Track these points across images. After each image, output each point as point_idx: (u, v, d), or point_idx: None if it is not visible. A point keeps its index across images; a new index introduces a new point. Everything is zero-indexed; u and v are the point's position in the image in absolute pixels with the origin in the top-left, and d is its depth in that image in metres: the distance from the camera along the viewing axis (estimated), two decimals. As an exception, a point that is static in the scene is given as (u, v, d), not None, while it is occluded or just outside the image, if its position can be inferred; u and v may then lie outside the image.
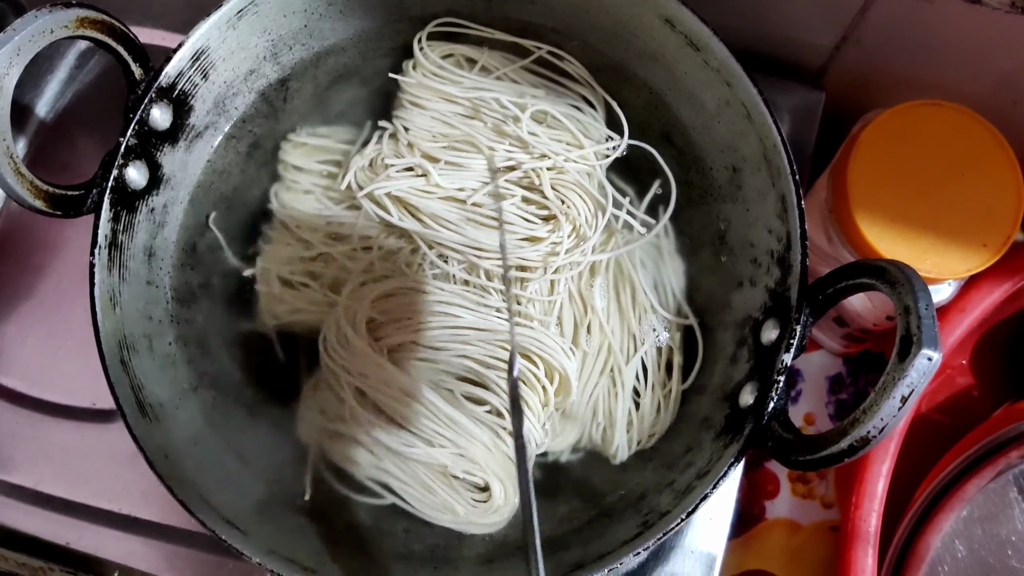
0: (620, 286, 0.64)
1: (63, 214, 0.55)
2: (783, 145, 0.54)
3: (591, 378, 0.62)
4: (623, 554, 0.51)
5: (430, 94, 0.64)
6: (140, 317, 0.59)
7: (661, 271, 0.64)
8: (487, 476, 0.60)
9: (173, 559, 0.68)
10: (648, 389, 0.62)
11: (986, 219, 0.58)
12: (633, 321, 0.62)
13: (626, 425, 0.61)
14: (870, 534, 0.66)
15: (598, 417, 0.62)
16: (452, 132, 0.64)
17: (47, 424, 0.73)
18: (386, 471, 0.60)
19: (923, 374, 0.43)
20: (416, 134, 0.64)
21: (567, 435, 0.63)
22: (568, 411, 0.62)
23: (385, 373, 0.60)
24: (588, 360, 0.62)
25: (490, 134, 0.64)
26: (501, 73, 0.66)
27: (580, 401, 0.62)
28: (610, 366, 0.62)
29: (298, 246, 0.65)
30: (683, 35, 0.59)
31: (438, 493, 0.59)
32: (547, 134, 0.64)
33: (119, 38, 0.56)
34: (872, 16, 0.65)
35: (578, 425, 0.62)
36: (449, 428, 0.60)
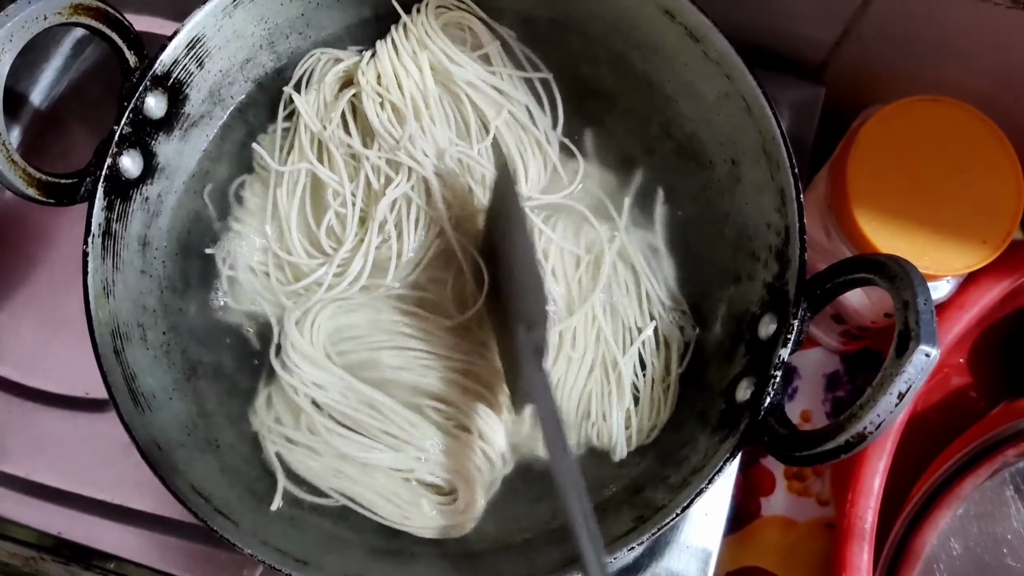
0: (615, 278, 0.63)
1: (56, 202, 0.54)
2: (782, 138, 0.54)
3: (577, 379, 0.61)
4: (617, 549, 0.51)
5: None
6: (133, 306, 0.59)
7: (655, 264, 0.64)
8: (452, 479, 0.59)
9: (165, 550, 0.68)
10: (647, 384, 0.61)
11: (985, 216, 0.58)
12: (630, 314, 0.62)
13: (624, 421, 0.60)
14: (866, 531, 0.66)
15: (592, 416, 0.61)
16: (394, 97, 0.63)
17: (40, 413, 0.73)
18: (347, 477, 0.59)
19: (921, 370, 0.43)
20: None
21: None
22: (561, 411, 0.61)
23: (342, 383, 0.60)
24: (573, 364, 0.61)
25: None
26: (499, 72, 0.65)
27: (567, 404, 0.61)
28: (601, 361, 0.61)
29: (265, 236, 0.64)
30: (683, 26, 0.58)
31: (400, 498, 0.59)
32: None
33: (113, 25, 0.55)
34: (874, 11, 0.65)
35: (571, 429, 0.61)
36: (409, 432, 0.59)
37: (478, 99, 0.63)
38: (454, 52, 0.63)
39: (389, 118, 0.62)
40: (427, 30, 0.63)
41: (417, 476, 0.59)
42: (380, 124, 0.62)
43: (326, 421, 0.59)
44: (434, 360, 0.61)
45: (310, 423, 0.59)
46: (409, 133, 0.61)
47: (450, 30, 0.64)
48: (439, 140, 0.62)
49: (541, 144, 0.64)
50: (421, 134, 0.62)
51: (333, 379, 0.60)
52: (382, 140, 0.62)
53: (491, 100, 0.64)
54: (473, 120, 0.63)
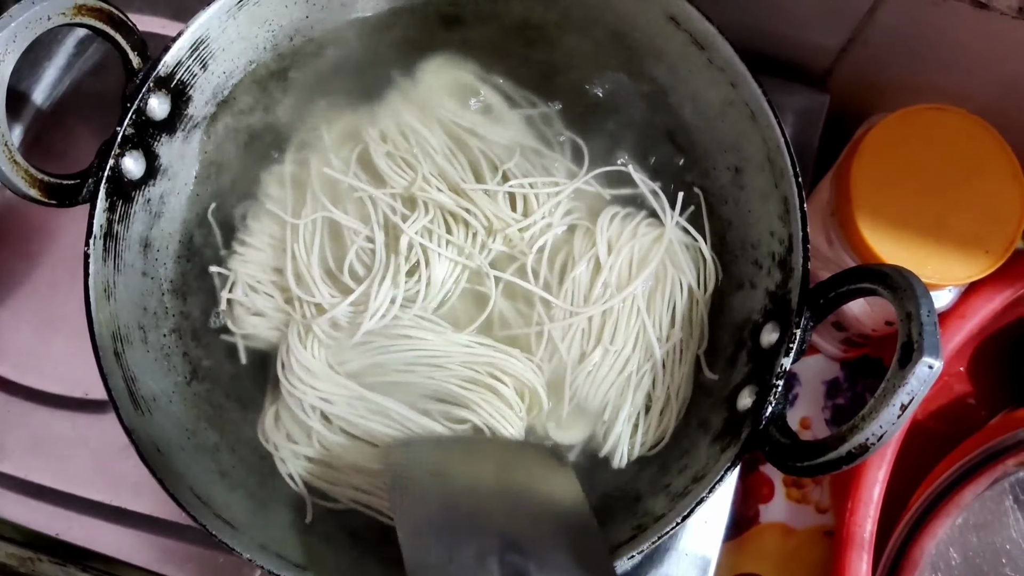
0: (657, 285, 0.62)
1: (58, 203, 0.54)
2: (787, 147, 0.54)
3: (608, 374, 0.60)
4: (617, 557, 0.51)
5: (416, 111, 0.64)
6: (134, 308, 0.58)
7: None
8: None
9: (163, 552, 0.67)
10: (661, 393, 0.61)
11: (989, 225, 0.58)
12: (665, 322, 0.61)
13: (631, 429, 0.60)
14: (865, 540, 0.66)
15: (605, 415, 0.61)
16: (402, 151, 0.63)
17: (39, 413, 0.73)
18: (363, 491, 0.59)
19: (923, 382, 0.43)
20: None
21: (576, 430, 0.61)
22: (582, 404, 0.61)
23: (349, 393, 0.59)
24: (608, 356, 0.60)
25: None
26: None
27: (594, 396, 0.60)
28: (631, 365, 0.60)
29: (270, 252, 0.64)
30: (688, 33, 0.58)
31: None
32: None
33: (117, 26, 0.55)
34: (879, 19, 0.65)
35: (588, 421, 0.61)
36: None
37: (484, 143, 0.64)
38: (456, 110, 0.64)
39: (399, 165, 0.62)
40: (426, 95, 0.64)
41: None
42: (391, 170, 0.62)
43: (337, 437, 0.59)
44: (443, 359, 0.60)
45: (321, 438, 0.59)
46: (423, 173, 0.61)
47: (450, 88, 0.65)
48: (451, 178, 0.62)
49: (550, 171, 0.64)
50: (435, 176, 0.62)
51: (338, 389, 0.60)
52: (394, 183, 0.62)
53: (498, 143, 0.64)
54: (484, 163, 0.63)
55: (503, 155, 0.63)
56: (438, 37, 0.67)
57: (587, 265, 0.61)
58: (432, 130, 0.63)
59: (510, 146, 0.64)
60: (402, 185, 0.62)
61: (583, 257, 0.61)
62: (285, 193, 0.64)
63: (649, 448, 0.60)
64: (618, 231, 0.62)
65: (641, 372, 0.60)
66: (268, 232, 0.64)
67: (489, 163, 0.63)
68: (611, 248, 0.61)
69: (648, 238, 0.62)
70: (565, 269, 0.62)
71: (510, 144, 0.64)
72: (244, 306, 0.62)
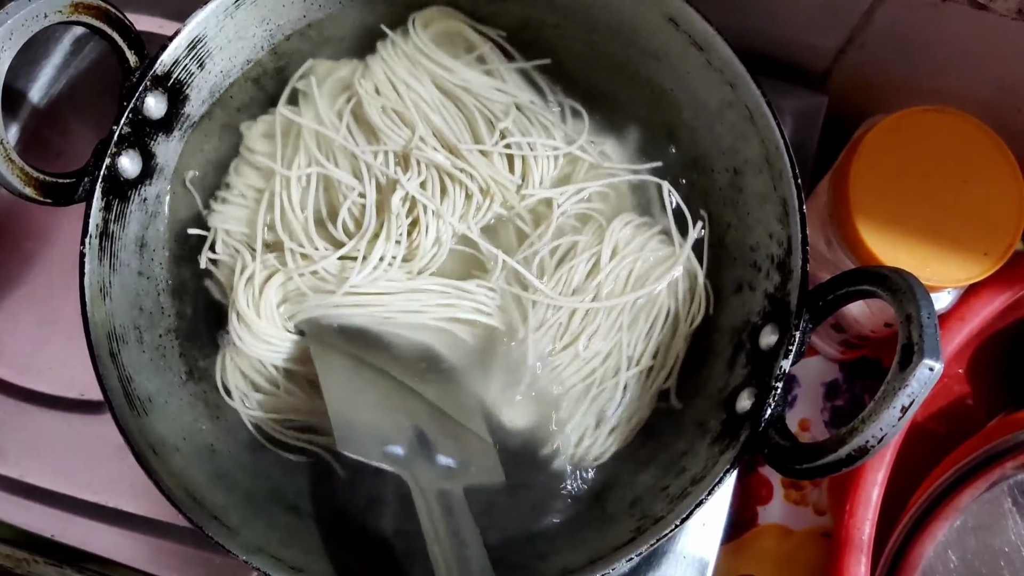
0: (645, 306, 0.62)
1: (54, 202, 0.54)
2: (786, 148, 0.54)
3: (573, 376, 0.60)
4: (615, 559, 0.51)
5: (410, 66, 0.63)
6: (131, 308, 0.58)
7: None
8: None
9: (159, 554, 0.67)
10: (618, 411, 0.60)
11: (988, 227, 0.58)
12: (639, 343, 0.61)
13: (576, 439, 0.60)
14: (863, 542, 0.66)
15: (555, 416, 0.60)
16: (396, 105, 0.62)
17: (34, 414, 0.72)
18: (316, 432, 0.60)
19: (924, 384, 0.43)
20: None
21: (521, 416, 0.61)
22: (538, 396, 0.61)
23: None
24: (577, 360, 0.60)
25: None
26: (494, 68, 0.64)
27: (551, 393, 0.60)
28: (596, 376, 0.60)
29: (253, 206, 0.63)
30: (687, 34, 0.58)
31: None
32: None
33: (114, 24, 0.55)
34: (878, 20, 0.64)
35: (538, 414, 0.61)
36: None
37: (480, 100, 0.63)
38: (448, 62, 0.63)
39: (394, 121, 0.62)
40: (417, 44, 0.63)
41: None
42: (385, 126, 0.61)
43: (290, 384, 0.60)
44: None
45: (270, 385, 0.60)
46: (419, 134, 0.60)
47: (442, 39, 0.64)
48: (448, 139, 0.61)
49: (549, 129, 0.64)
50: (430, 135, 0.61)
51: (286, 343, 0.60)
52: (388, 140, 0.61)
53: (494, 99, 0.63)
54: (480, 120, 0.62)
55: (499, 112, 0.63)
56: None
57: (587, 262, 0.61)
58: (425, 84, 0.62)
59: (506, 103, 0.63)
60: (399, 144, 0.61)
61: (585, 251, 0.61)
62: (272, 145, 0.63)
63: (590, 463, 0.60)
64: (628, 238, 0.62)
65: (602, 386, 0.60)
66: (251, 185, 0.64)
67: (486, 120, 0.62)
68: (616, 253, 0.61)
69: (655, 255, 0.61)
70: (564, 258, 0.62)
71: (506, 101, 0.63)
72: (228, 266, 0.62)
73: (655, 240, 0.62)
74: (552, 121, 0.64)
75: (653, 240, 0.62)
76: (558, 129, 0.64)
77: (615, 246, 0.61)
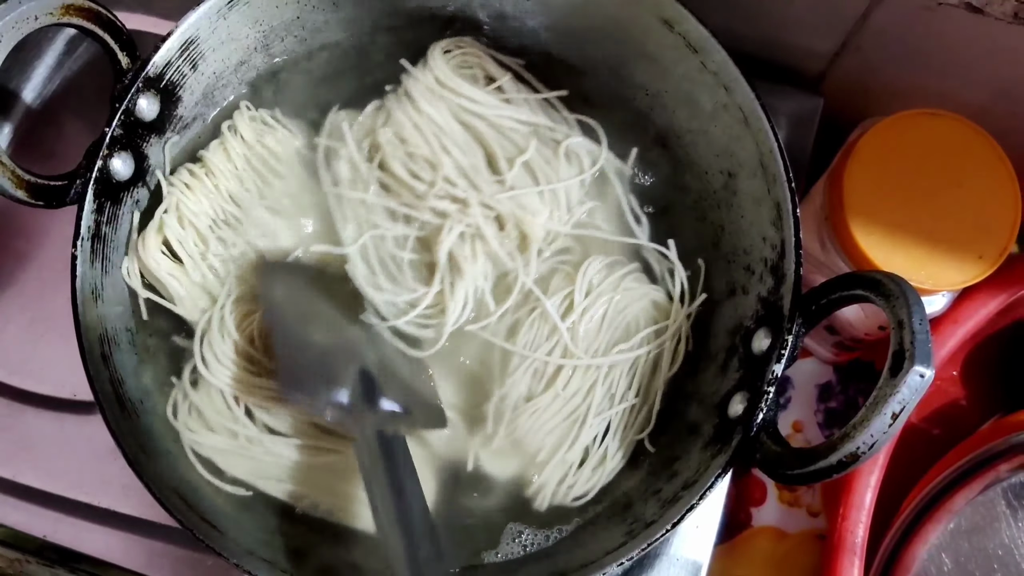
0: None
1: (45, 204, 0.54)
2: (780, 152, 0.54)
3: (553, 417, 0.59)
4: (607, 563, 0.51)
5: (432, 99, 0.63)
6: (122, 311, 0.58)
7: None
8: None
9: (151, 555, 0.67)
10: (598, 451, 0.60)
11: (982, 231, 0.58)
12: (622, 382, 0.60)
13: (560, 478, 0.59)
14: (857, 544, 0.66)
15: (538, 458, 0.60)
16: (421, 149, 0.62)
17: (26, 414, 0.72)
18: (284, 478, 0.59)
19: (915, 391, 0.43)
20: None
21: (506, 464, 0.61)
22: (518, 440, 0.60)
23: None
24: (557, 400, 0.60)
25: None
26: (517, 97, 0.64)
27: (533, 436, 0.60)
28: (578, 413, 0.60)
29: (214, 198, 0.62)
30: (681, 36, 0.58)
31: (346, 495, 0.59)
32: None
33: (105, 26, 0.55)
34: (873, 23, 0.64)
35: (519, 458, 0.60)
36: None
37: (500, 133, 0.63)
38: (471, 92, 0.63)
39: (418, 171, 0.62)
40: (439, 76, 0.63)
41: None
42: (409, 176, 0.62)
43: (254, 431, 0.58)
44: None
45: (237, 431, 0.58)
46: (444, 175, 0.61)
47: (461, 69, 0.64)
48: (473, 178, 0.62)
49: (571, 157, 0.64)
50: (457, 175, 0.62)
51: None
52: (412, 190, 0.62)
53: (515, 132, 0.63)
54: (500, 155, 0.62)
55: (520, 141, 0.63)
56: (432, 37, 0.66)
57: (559, 304, 0.61)
58: (447, 119, 0.63)
59: (525, 133, 0.63)
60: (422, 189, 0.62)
61: (556, 294, 0.61)
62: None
63: (572, 500, 0.59)
64: (601, 278, 0.61)
65: (586, 424, 0.59)
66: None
67: (507, 156, 0.62)
68: (589, 292, 0.61)
69: (631, 294, 0.61)
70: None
71: (525, 129, 0.63)
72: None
73: (630, 279, 0.62)
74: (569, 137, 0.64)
75: (628, 279, 0.61)
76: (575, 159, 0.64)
77: (588, 286, 0.61)
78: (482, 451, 0.60)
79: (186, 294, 0.60)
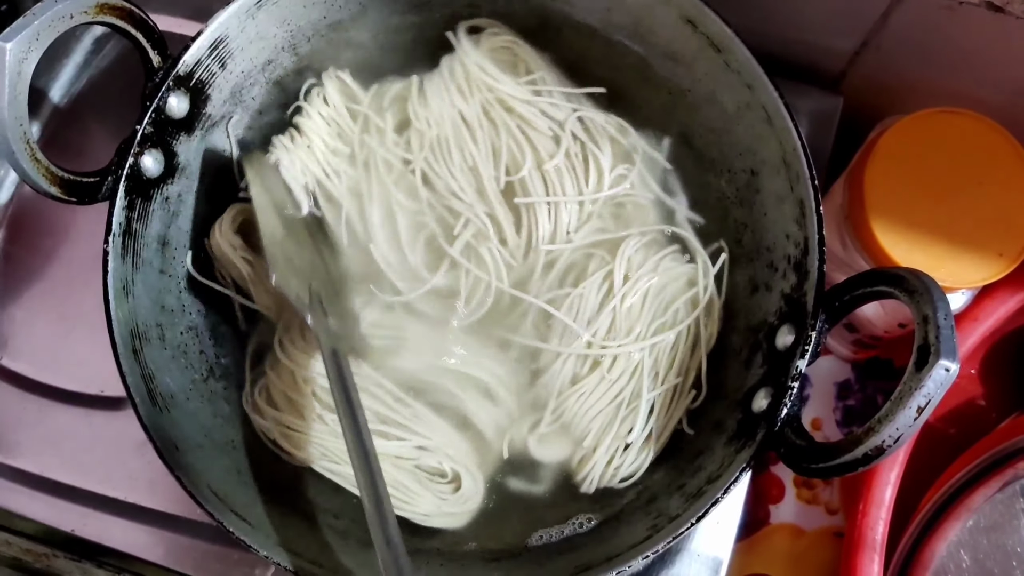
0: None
1: (78, 201, 0.54)
2: (803, 150, 0.54)
3: (600, 400, 0.60)
4: (631, 557, 0.51)
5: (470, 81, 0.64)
6: (153, 306, 0.59)
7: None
8: (455, 466, 0.60)
9: (177, 548, 0.68)
10: (646, 427, 0.60)
11: (1002, 229, 0.58)
12: (665, 363, 0.61)
13: (608, 459, 0.60)
14: (876, 541, 0.66)
15: (585, 442, 0.60)
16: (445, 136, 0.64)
17: (54, 410, 0.73)
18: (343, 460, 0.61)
19: (940, 385, 0.43)
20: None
21: (555, 449, 0.62)
22: (565, 424, 0.61)
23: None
24: (603, 383, 0.60)
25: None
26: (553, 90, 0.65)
27: (580, 420, 0.60)
28: (627, 395, 0.60)
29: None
30: (705, 36, 0.58)
31: (401, 485, 0.60)
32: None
33: (138, 25, 0.56)
34: (894, 22, 0.65)
35: (569, 443, 0.61)
36: (411, 420, 0.61)
37: (529, 130, 0.64)
38: (510, 88, 0.64)
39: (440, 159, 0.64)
40: (476, 60, 0.64)
41: (419, 463, 0.61)
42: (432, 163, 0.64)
43: (323, 411, 0.60)
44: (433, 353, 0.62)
45: (304, 408, 0.60)
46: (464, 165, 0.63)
47: (496, 55, 0.65)
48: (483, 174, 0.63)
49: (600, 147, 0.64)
50: (464, 169, 0.63)
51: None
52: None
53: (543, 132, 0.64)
54: (528, 153, 0.63)
55: (548, 145, 0.63)
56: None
57: (599, 287, 0.61)
58: (477, 111, 0.64)
59: (555, 133, 0.64)
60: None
61: (595, 274, 0.61)
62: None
63: (620, 482, 0.60)
64: (641, 260, 0.62)
65: (631, 406, 0.60)
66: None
67: (536, 159, 0.63)
68: (628, 276, 0.61)
69: (669, 273, 0.62)
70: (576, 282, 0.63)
71: (557, 127, 0.64)
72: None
73: (668, 259, 0.62)
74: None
75: (666, 259, 0.62)
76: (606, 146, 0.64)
77: (627, 269, 0.61)
78: (530, 436, 0.61)
79: (259, 280, 0.63)
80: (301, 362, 0.61)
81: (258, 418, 0.61)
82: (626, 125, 0.65)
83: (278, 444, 0.60)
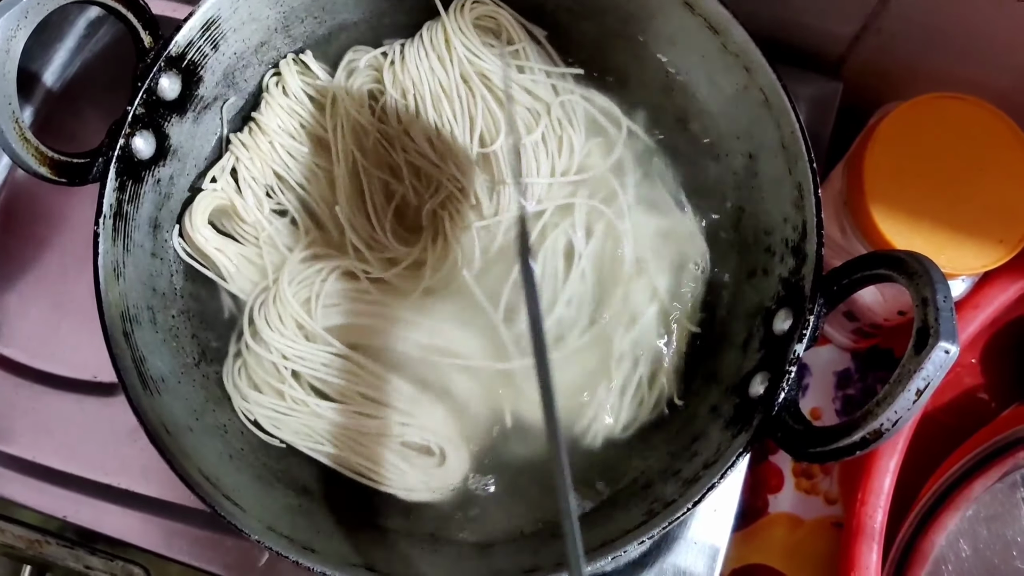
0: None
1: (68, 182, 0.54)
2: (801, 132, 0.54)
3: (586, 354, 0.61)
4: (627, 542, 0.51)
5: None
6: (144, 289, 0.58)
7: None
8: (440, 441, 0.60)
9: (171, 535, 0.67)
10: (635, 378, 0.61)
11: (1003, 215, 0.58)
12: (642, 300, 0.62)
13: (607, 409, 0.60)
14: (875, 530, 0.66)
15: (583, 395, 0.61)
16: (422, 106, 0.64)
17: (47, 396, 0.72)
18: (328, 441, 0.61)
19: (939, 367, 0.42)
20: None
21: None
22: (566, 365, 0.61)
23: (318, 349, 0.61)
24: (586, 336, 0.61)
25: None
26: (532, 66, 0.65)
27: (569, 373, 0.61)
28: (609, 350, 0.61)
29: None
30: (702, 18, 0.58)
31: (385, 460, 0.60)
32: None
33: (129, 5, 0.55)
34: (894, 5, 0.64)
35: (562, 399, 0.61)
36: (390, 395, 0.61)
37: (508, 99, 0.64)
38: (483, 53, 0.64)
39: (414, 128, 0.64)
40: (460, 27, 0.64)
41: (404, 440, 0.60)
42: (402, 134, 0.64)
43: (301, 393, 0.60)
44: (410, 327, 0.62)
45: (284, 392, 0.60)
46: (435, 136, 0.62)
47: (481, 26, 0.65)
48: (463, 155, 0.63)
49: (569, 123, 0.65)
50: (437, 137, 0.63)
51: (308, 346, 0.61)
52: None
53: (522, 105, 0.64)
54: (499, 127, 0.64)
55: (526, 118, 0.64)
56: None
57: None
58: (454, 80, 0.64)
59: (533, 106, 0.64)
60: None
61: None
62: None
63: (621, 431, 0.60)
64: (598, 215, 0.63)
65: (619, 358, 0.61)
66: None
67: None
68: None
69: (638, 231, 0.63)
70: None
71: (536, 102, 0.64)
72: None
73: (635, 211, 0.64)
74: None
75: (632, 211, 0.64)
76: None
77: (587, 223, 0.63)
78: (520, 402, 0.61)
79: (235, 269, 0.62)
80: (275, 343, 0.61)
81: (238, 399, 0.61)
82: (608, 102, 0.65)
83: (259, 424, 0.60)
